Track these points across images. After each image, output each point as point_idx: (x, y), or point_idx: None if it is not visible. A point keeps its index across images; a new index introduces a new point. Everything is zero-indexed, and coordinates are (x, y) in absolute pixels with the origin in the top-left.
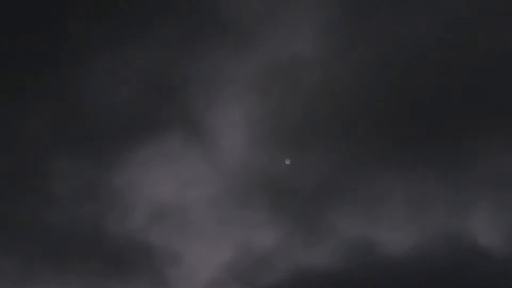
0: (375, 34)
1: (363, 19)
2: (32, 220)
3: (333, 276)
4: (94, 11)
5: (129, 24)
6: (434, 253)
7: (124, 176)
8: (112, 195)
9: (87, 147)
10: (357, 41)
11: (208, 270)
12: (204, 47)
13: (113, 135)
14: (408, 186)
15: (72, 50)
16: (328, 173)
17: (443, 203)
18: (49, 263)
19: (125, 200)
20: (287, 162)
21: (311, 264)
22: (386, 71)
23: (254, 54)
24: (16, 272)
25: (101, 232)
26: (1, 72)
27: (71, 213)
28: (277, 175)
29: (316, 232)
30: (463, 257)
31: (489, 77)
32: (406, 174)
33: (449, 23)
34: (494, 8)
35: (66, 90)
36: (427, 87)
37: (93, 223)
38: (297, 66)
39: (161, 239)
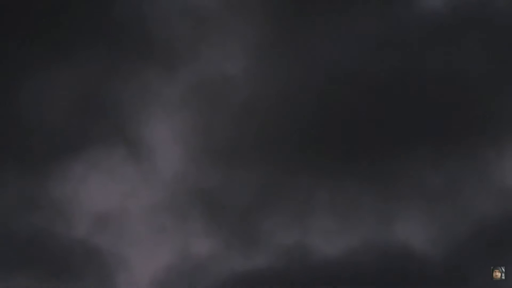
0: (306, 54)
1: (294, 39)
2: None
3: (269, 278)
4: (25, 32)
5: (61, 45)
6: (364, 257)
7: (63, 189)
8: (53, 206)
9: (24, 161)
10: (287, 60)
11: (149, 273)
12: (134, 67)
13: (50, 150)
14: (339, 196)
15: (4, 70)
16: (260, 186)
17: (373, 212)
18: None
19: (67, 210)
20: None
21: (248, 268)
22: (315, 88)
23: (184, 73)
24: None
25: (46, 240)
26: None
27: (14, 222)
28: (211, 188)
29: (250, 240)
30: (392, 260)
31: (419, 94)
32: (336, 185)
33: (380, 44)
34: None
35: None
36: (357, 103)
37: (36, 232)
38: (227, 84)
39: (104, 246)
